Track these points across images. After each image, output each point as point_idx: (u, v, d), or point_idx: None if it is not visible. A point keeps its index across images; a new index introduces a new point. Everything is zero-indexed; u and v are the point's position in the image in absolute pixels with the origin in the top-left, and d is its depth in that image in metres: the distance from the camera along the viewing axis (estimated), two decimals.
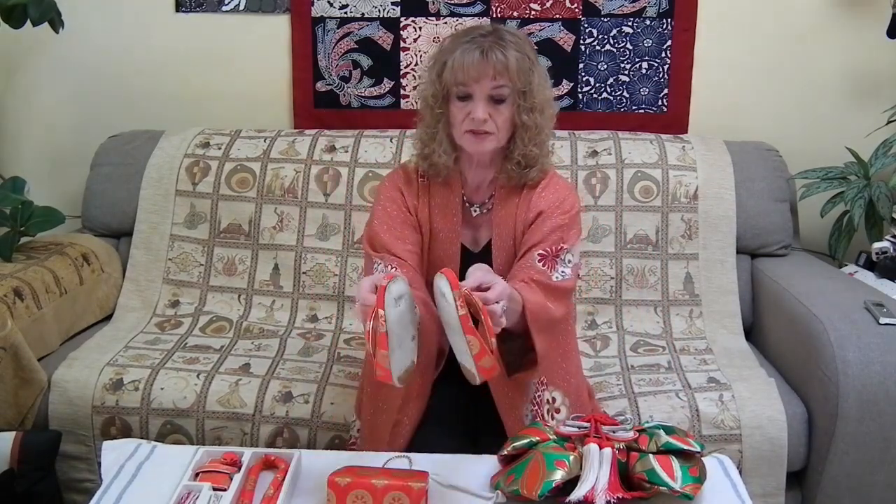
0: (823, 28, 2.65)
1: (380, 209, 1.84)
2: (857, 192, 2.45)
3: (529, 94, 1.72)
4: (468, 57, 1.69)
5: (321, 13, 2.73)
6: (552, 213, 1.78)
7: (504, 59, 1.68)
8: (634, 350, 2.29)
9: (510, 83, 1.70)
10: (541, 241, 1.75)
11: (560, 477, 1.42)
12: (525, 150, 1.76)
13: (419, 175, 1.86)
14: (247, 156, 2.58)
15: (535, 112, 1.74)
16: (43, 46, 2.79)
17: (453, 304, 1.42)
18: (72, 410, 2.06)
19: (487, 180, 1.84)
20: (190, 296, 2.50)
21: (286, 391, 2.06)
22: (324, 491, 1.43)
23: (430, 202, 1.84)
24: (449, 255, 1.82)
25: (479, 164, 1.82)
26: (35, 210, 2.37)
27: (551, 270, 1.74)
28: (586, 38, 2.69)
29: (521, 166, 1.78)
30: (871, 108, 2.63)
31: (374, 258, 1.78)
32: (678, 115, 2.72)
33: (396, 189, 1.85)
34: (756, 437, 1.93)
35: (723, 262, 2.42)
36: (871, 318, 1.96)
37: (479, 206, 1.85)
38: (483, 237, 1.85)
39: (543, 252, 1.74)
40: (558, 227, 1.77)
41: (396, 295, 1.42)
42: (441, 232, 1.83)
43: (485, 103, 1.71)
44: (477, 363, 1.44)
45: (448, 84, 1.73)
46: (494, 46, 1.69)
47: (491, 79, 1.69)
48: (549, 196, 1.80)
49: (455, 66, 1.70)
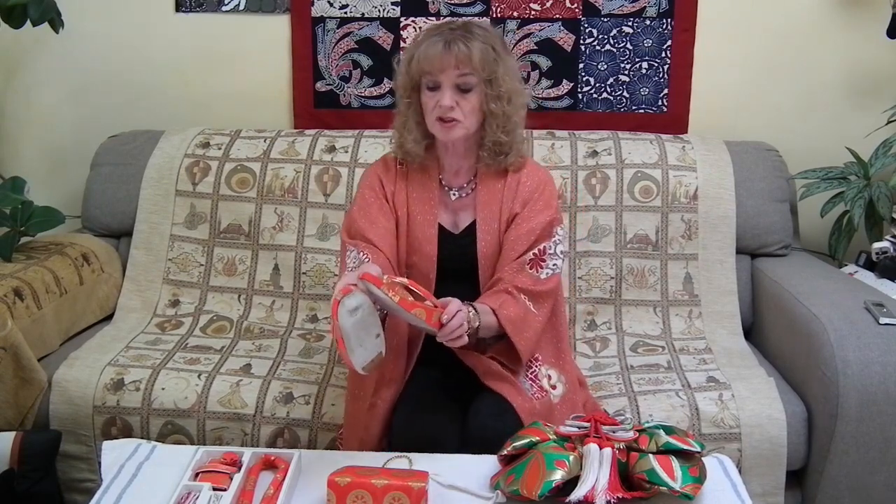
0: (823, 28, 2.65)
1: (360, 198, 1.92)
2: (857, 192, 2.44)
3: (496, 83, 1.79)
4: (432, 49, 1.77)
5: (321, 13, 2.73)
6: (538, 206, 1.85)
7: (467, 51, 1.76)
8: (634, 350, 2.29)
9: (474, 72, 1.77)
10: (529, 246, 1.82)
11: (560, 477, 1.42)
12: (495, 136, 1.83)
13: (398, 163, 1.93)
14: (247, 156, 2.58)
15: (502, 100, 1.80)
16: (43, 46, 2.79)
17: (386, 297, 1.56)
18: (72, 410, 2.06)
19: (465, 167, 1.90)
20: (190, 296, 2.51)
21: (287, 392, 2.06)
22: (324, 491, 1.43)
23: (408, 187, 1.91)
24: (427, 236, 1.87)
25: (454, 152, 1.89)
26: (35, 210, 2.37)
27: (539, 270, 1.82)
28: (586, 38, 2.69)
29: (496, 153, 1.85)
30: (871, 108, 2.63)
31: (349, 245, 1.85)
32: (678, 115, 2.72)
33: (376, 177, 1.93)
34: (756, 436, 1.93)
35: (722, 262, 2.42)
36: (871, 318, 1.96)
37: (458, 190, 1.91)
38: (463, 220, 1.89)
39: (531, 258, 1.81)
40: (546, 223, 1.84)
41: (351, 307, 1.54)
42: (418, 214, 1.88)
43: (451, 92, 1.78)
44: (430, 324, 1.60)
45: (415, 75, 1.81)
46: (458, 39, 1.77)
47: (454, 68, 1.76)
48: (532, 184, 1.88)
49: (421, 58, 1.79)
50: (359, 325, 1.56)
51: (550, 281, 1.83)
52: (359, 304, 1.55)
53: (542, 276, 1.81)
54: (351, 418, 1.86)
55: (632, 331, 2.37)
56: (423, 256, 1.85)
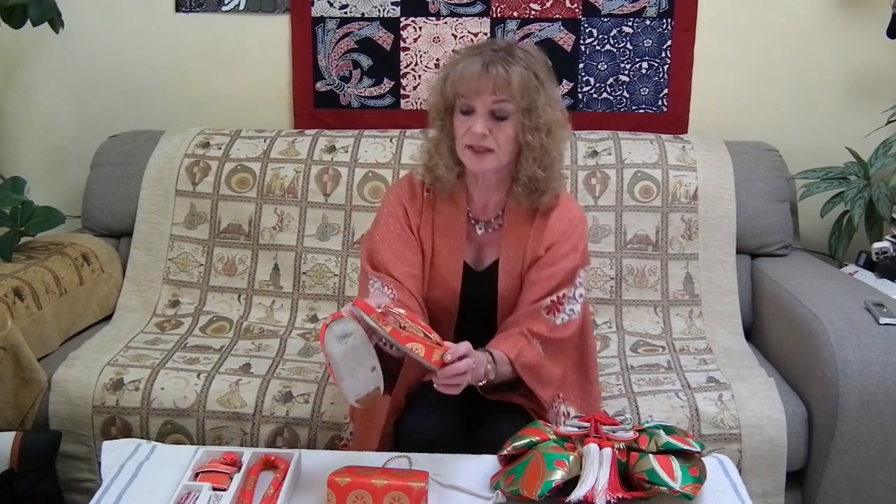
0: (823, 28, 2.65)
1: (382, 225, 1.81)
2: (857, 192, 2.44)
3: (534, 113, 1.67)
4: (469, 69, 1.65)
5: (321, 13, 2.73)
6: (562, 250, 1.75)
7: (506, 75, 1.64)
8: (634, 350, 2.29)
9: (511, 99, 1.65)
10: (548, 291, 1.73)
11: (560, 477, 1.42)
12: (531, 171, 1.71)
13: (424, 189, 1.82)
14: (247, 156, 2.58)
15: (541, 132, 1.68)
16: (43, 46, 2.79)
17: (377, 326, 1.47)
18: (72, 410, 2.06)
19: (494, 200, 1.80)
20: (190, 296, 2.50)
21: (286, 391, 2.06)
22: (324, 491, 1.43)
23: (434, 219, 1.81)
24: (451, 272, 1.79)
25: (484, 185, 1.78)
26: (35, 210, 2.37)
27: (556, 315, 1.73)
28: (586, 38, 2.69)
29: (531, 190, 1.74)
30: (871, 108, 2.63)
31: (372, 276, 1.76)
32: (678, 115, 2.72)
33: (400, 204, 1.82)
34: (756, 436, 1.93)
35: (723, 262, 2.42)
36: (871, 318, 1.96)
37: (485, 225, 1.82)
38: (487, 257, 1.82)
39: (549, 304, 1.73)
40: (570, 269, 1.74)
41: (340, 334, 1.48)
42: (444, 249, 1.79)
43: (485, 118, 1.66)
44: (430, 362, 1.48)
45: (449, 96, 1.70)
46: (499, 61, 1.65)
47: (491, 93, 1.65)
48: (561, 227, 1.77)
49: (456, 79, 1.67)
50: (349, 355, 1.49)
51: (567, 328, 1.74)
52: (348, 332, 1.48)
53: (557, 321, 1.73)
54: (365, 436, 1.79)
55: (632, 330, 2.37)
56: (446, 292, 1.78)
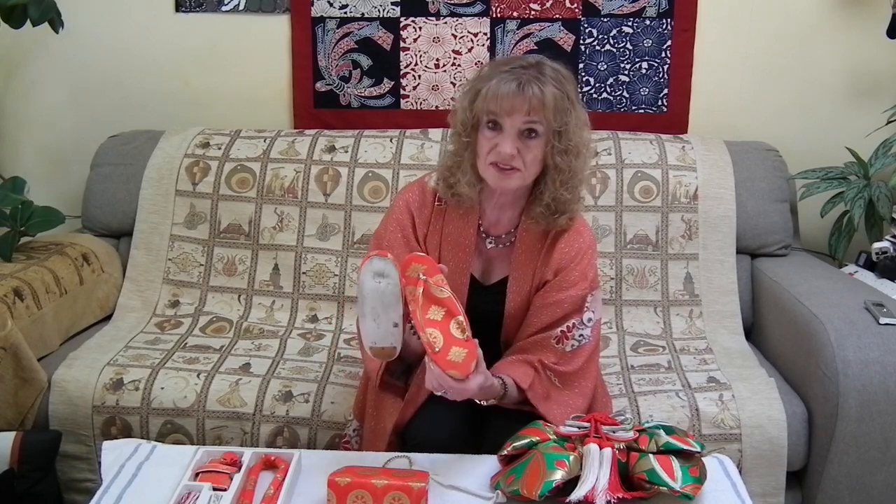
0: (823, 28, 2.65)
1: (391, 232, 1.78)
2: (857, 192, 2.44)
3: (565, 135, 1.64)
4: (504, 88, 1.61)
5: (321, 13, 2.72)
6: (571, 277, 1.71)
7: (541, 95, 1.60)
8: (634, 350, 2.29)
9: (544, 120, 1.62)
10: (558, 318, 1.70)
11: (560, 477, 1.42)
12: (556, 193, 1.68)
13: (437, 198, 1.78)
14: (247, 156, 2.58)
15: (570, 155, 1.66)
16: (43, 46, 2.79)
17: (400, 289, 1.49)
18: (72, 410, 2.06)
19: (507, 216, 1.77)
20: (190, 296, 2.50)
21: (286, 391, 2.06)
22: (324, 491, 1.43)
23: (444, 229, 1.77)
24: (457, 286, 1.72)
25: (500, 201, 1.75)
26: (35, 210, 2.37)
27: (564, 343, 1.71)
28: (586, 38, 2.69)
29: (551, 210, 1.70)
30: (871, 108, 2.63)
31: None
32: (678, 115, 2.72)
33: (408, 212, 1.78)
34: (756, 436, 1.93)
35: (723, 262, 2.42)
36: (871, 318, 1.96)
37: (496, 240, 1.79)
38: (496, 272, 1.79)
39: (558, 335, 1.71)
40: (578, 298, 1.71)
41: (376, 270, 1.48)
42: (451, 261, 1.76)
43: (514, 138, 1.63)
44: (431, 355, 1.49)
45: (479, 112, 1.66)
46: (533, 80, 1.61)
47: (525, 114, 1.61)
48: (570, 251, 1.73)
49: (489, 96, 1.62)
50: (377, 296, 1.48)
51: (576, 355, 1.71)
52: (385, 274, 1.46)
53: (566, 348, 1.70)
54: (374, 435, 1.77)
55: (632, 330, 2.37)
56: None
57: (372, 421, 1.78)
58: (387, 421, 1.74)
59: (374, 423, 1.77)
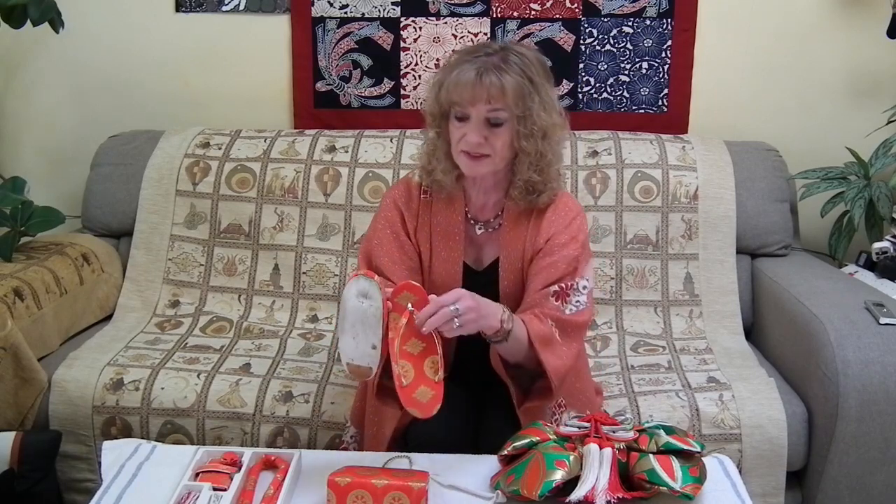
0: (823, 28, 2.65)
1: (379, 230, 1.80)
2: (857, 192, 2.44)
3: (529, 120, 1.66)
4: (463, 78, 1.64)
5: (321, 13, 2.73)
6: (562, 239, 1.73)
7: (499, 83, 1.62)
8: (634, 350, 2.29)
9: (506, 107, 1.64)
10: (554, 280, 1.71)
11: (560, 477, 1.42)
12: (527, 175, 1.71)
13: (422, 191, 1.81)
14: (247, 156, 2.58)
15: (536, 137, 1.67)
16: (43, 46, 2.79)
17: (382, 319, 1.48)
18: (72, 410, 2.06)
19: (493, 201, 1.80)
20: (190, 296, 2.50)
21: (286, 391, 2.06)
22: (324, 491, 1.43)
23: (432, 221, 1.80)
24: (450, 274, 1.77)
25: (482, 186, 1.78)
26: (35, 210, 2.37)
27: (564, 304, 1.71)
28: (586, 38, 2.69)
29: (527, 192, 1.73)
30: (871, 108, 2.63)
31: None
32: (678, 115, 2.72)
33: (396, 209, 1.81)
34: (756, 436, 1.93)
35: (723, 262, 2.42)
36: (871, 318, 1.96)
37: (484, 225, 1.81)
38: (487, 256, 1.81)
39: (556, 290, 1.71)
40: (572, 258, 1.72)
41: (361, 290, 1.48)
42: (442, 251, 1.79)
43: (480, 126, 1.66)
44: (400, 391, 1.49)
45: (444, 103, 1.69)
46: (492, 69, 1.63)
47: (485, 102, 1.63)
48: (558, 220, 1.75)
49: (450, 88, 1.66)
50: (358, 315, 1.48)
51: (577, 317, 1.72)
52: (369, 294, 1.47)
53: (566, 311, 1.70)
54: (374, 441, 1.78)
55: (632, 330, 2.37)
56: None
57: (373, 427, 1.78)
58: (387, 426, 1.74)
59: (374, 428, 1.77)
